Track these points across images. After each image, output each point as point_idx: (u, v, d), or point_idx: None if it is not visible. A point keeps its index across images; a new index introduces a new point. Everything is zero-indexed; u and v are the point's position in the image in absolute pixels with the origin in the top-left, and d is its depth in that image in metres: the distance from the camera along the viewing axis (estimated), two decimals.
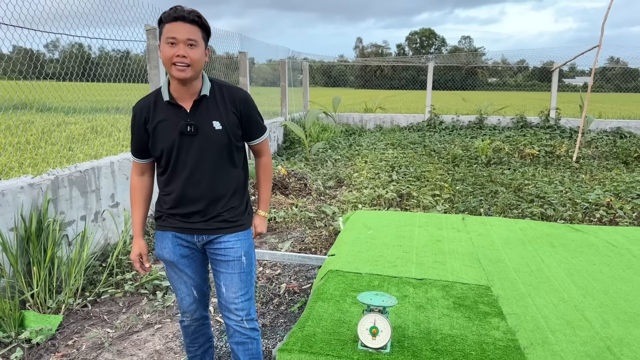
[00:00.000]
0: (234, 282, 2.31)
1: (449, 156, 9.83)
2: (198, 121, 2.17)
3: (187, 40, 2.05)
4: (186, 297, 2.41)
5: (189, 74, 2.07)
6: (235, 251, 2.30)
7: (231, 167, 2.27)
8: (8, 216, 3.64)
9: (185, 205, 2.25)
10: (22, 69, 4.30)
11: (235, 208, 2.31)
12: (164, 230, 2.32)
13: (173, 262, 2.33)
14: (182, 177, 2.22)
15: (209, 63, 8.44)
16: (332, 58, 22.23)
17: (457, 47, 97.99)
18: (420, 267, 3.49)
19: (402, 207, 6.33)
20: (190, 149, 2.18)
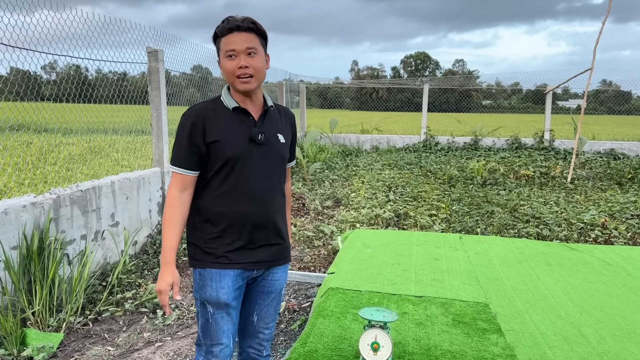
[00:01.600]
0: (269, 314, 2.21)
1: (445, 177, 9.92)
2: (267, 131, 2.06)
3: (247, 49, 1.95)
4: (226, 348, 2.08)
5: (254, 85, 1.98)
6: (280, 284, 2.20)
7: (283, 185, 2.19)
8: (10, 234, 3.67)
9: (246, 230, 2.04)
10: (19, 91, 4.36)
11: (285, 231, 2.19)
12: (225, 269, 2.02)
13: (228, 304, 2.03)
14: (244, 191, 2.02)
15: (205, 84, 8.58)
16: (328, 80, 22.48)
17: (451, 70, 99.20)
18: (419, 284, 3.53)
19: (400, 226, 6.38)
20: (256, 161, 2.03)
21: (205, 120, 2.00)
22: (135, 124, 8.01)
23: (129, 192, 5.25)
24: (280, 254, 2.15)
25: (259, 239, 2.05)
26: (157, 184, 5.94)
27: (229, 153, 1.99)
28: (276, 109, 2.18)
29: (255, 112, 2.07)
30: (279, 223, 2.12)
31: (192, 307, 4.03)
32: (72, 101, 5.27)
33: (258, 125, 2.05)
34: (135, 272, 4.72)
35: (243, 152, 2.00)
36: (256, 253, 2.06)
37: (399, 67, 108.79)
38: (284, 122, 2.19)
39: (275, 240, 2.11)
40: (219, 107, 2.05)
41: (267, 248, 2.09)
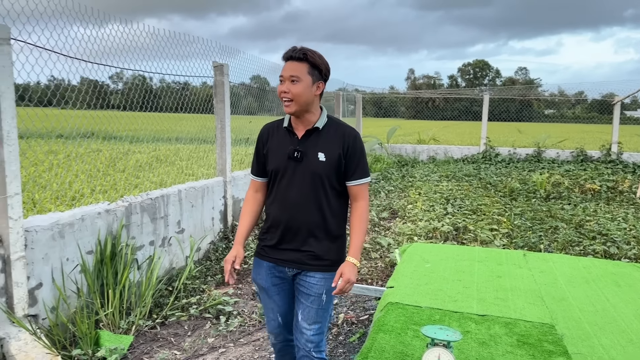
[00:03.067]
0: (310, 315, 2.42)
1: (506, 189, 9.67)
2: (305, 149, 2.34)
3: (290, 77, 2.25)
4: (271, 321, 2.57)
5: (292, 108, 2.29)
6: (318, 288, 2.39)
7: (327, 201, 2.37)
8: (86, 240, 3.90)
9: (280, 232, 2.40)
10: (89, 99, 4.62)
11: (324, 243, 2.38)
12: (260, 259, 2.50)
13: (265, 288, 2.50)
14: (281, 199, 2.39)
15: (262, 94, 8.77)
16: (382, 89, 22.41)
17: (512, 78, 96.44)
18: (481, 303, 3.47)
19: (459, 240, 6.28)
20: (293, 174, 2.35)
21: (268, 135, 2.46)
22: (197, 133, 8.30)
23: (194, 200, 5.46)
24: (312, 261, 2.39)
25: (288, 242, 2.40)
26: (220, 192, 6.13)
27: (272, 166, 2.40)
28: (330, 129, 2.38)
29: (301, 132, 2.37)
30: (310, 233, 2.37)
31: (253, 315, 4.14)
32: (137, 110, 5.54)
33: (300, 143, 2.35)
34: (199, 277, 4.88)
35: (282, 166, 2.36)
36: (285, 253, 2.41)
37: (456, 76, 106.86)
38: (333, 141, 2.35)
39: (305, 248, 2.38)
40: (280, 125, 2.45)
41: (296, 252, 2.39)
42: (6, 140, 3.23)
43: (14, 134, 3.30)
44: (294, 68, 2.26)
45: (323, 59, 2.35)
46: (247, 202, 2.58)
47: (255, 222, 2.58)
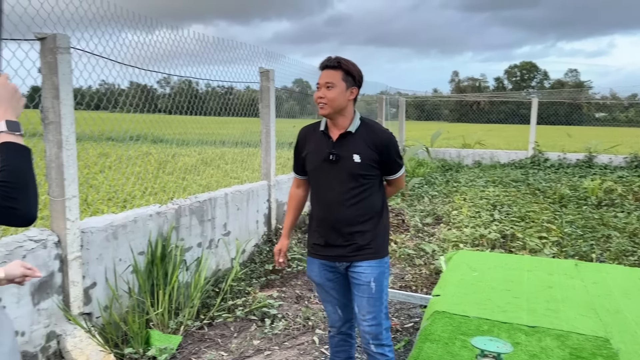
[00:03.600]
0: (363, 305, 2.54)
1: (556, 196, 9.38)
2: (340, 151, 2.49)
3: (326, 83, 2.45)
4: (332, 314, 2.76)
5: (326, 111, 2.47)
6: (365, 276, 2.52)
7: (365, 197, 2.51)
8: (138, 241, 4.03)
9: (323, 230, 2.57)
10: (138, 103, 4.76)
11: (367, 234, 2.53)
12: (312, 257, 2.69)
13: (320, 284, 2.69)
14: (321, 199, 2.58)
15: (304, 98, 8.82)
16: (425, 92, 22.13)
17: (561, 81, 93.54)
18: (532, 314, 3.38)
19: (506, 248, 6.14)
20: (329, 175, 2.52)
21: (306, 137, 2.66)
22: (240, 136, 8.43)
23: (239, 204, 5.55)
24: (357, 252, 2.53)
25: (333, 239, 2.56)
26: (264, 196, 6.21)
27: (309, 167, 2.60)
28: (363, 131, 2.52)
29: (336, 135, 2.53)
30: (352, 228, 2.52)
31: (297, 319, 4.16)
32: (183, 113, 5.69)
33: (335, 146, 2.50)
34: (245, 280, 4.96)
35: (319, 167, 2.55)
36: (333, 249, 2.57)
37: (502, 78, 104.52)
38: (366, 143, 2.50)
39: (348, 242, 2.53)
40: (317, 128, 2.62)
41: (342, 248, 2.55)
42: (65, 145, 3.37)
43: (73, 138, 3.44)
44: (329, 75, 2.45)
45: (356, 66, 2.52)
46: (290, 198, 2.84)
47: (298, 215, 2.86)
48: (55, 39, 3.29)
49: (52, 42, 3.30)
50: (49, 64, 3.32)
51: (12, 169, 1.31)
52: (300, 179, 2.76)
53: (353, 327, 2.82)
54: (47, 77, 3.34)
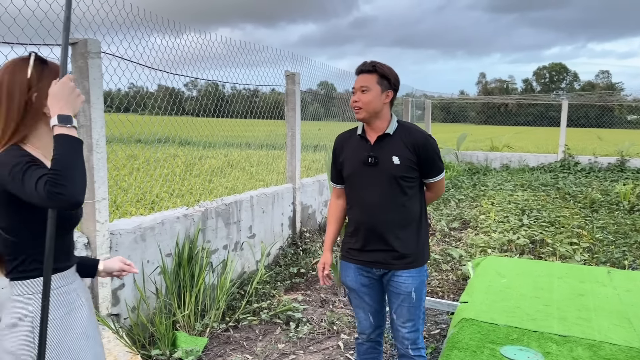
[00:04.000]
0: (403, 314, 2.54)
1: (586, 201, 9.15)
2: (379, 154, 2.48)
3: (361, 87, 2.45)
4: (363, 321, 2.70)
5: (362, 115, 2.48)
6: (407, 287, 2.51)
7: (405, 200, 2.49)
8: (165, 243, 4.07)
9: (363, 235, 2.53)
10: (166, 106, 4.81)
11: (408, 241, 2.51)
12: (347, 261, 2.65)
13: (355, 289, 2.65)
14: (360, 203, 2.54)
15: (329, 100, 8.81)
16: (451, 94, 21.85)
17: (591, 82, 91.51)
18: (562, 322, 3.29)
19: (536, 254, 6.01)
20: (369, 179, 2.50)
21: (342, 144, 2.65)
22: (265, 139, 8.46)
23: (265, 206, 5.56)
24: (397, 260, 2.50)
25: (371, 244, 2.52)
26: (289, 199, 6.21)
27: (348, 171, 2.58)
28: (401, 133, 2.51)
29: (373, 138, 2.52)
30: (392, 234, 2.48)
31: (322, 323, 4.15)
32: (209, 115, 5.73)
33: (373, 149, 2.50)
34: (270, 282, 4.96)
35: (357, 171, 2.53)
36: (371, 254, 2.53)
37: (531, 80, 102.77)
38: (405, 145, 2.49)
39: (389, 247, 2.49)
40: (354, 133, 2.62)
41: (381, 253, 2.51)
42: (95, 148, 3.43)
43: (103, 142, 3.50)
44: (364, 79, 2.46)
45: (392, 70, 2.52)
46: (331, 209, 2.80)
47: (340, 227, 2.79)
48: (86, 44, 3.35)
49: (84, 46, 3.36)
50: (80, 68, 3.39)
51: (60, 158, 1.44)
52: (340, 189, 2.72)
53: (382, 334, 2.80)
54: (77, 81, 3.40)
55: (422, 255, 2.57)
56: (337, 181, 2.70)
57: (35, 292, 1.61)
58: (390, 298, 2.60)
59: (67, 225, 1.68)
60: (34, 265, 1.62)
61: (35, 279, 1.62)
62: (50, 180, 1.41)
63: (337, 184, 2.72)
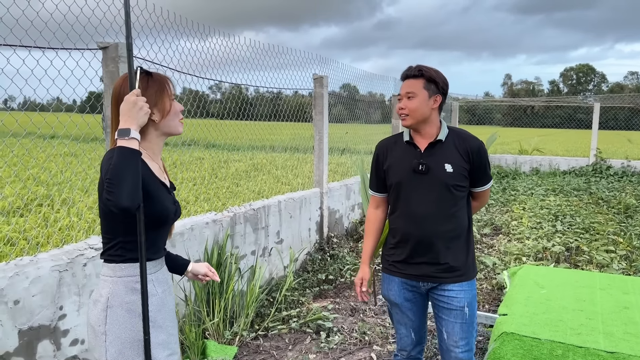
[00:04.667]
0: (455, 331, 2.39)
1: (620, 206, 8.86)
2: (430, 162, 2.36)
3: (407, 93, 2.35)
4: (404, 337, 2.58)
5: (409, 122, 2.37)
6: (459, 301, 2.38)
7: (455, 210, 2.38)
8: (194, 249, 4.01)
9: (410, 246, 2.40)
10: (190, 110, 4.77)
11: (458, 254, 2.40)
12: (391, 275, 2.51)
13: (398, 304, 2.51)
14: (408, 213, 2.40)
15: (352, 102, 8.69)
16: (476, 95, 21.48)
17: (620, 84, 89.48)
18: (609, 337, 3.12)
19: (572, 262, 5.80)
20: (418, 187, 2.37)
21: (387, 151, 2.51)
22: (290, 142, 8.39)
23: (292, 211, 5.48)
24: (448, 273, 2.37)
25: (420, 256, 2.39)
26: (316, 203, 6.13)
27: (395, 179, 2.43)
28: (453, 140, 2.40)
29: (423, 145, 2.40)
30: (443, 244, 2.36)
31: (353, 333, 4.04)
32: (234, 118, 5.67)
33: (423, 156, 2.38)
34: (298, 289, 4.88)
35: (406, 179, 2.39)
36: (418, 268, 2.40)
37: (557, 81, 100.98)
38: (458, 152, 2.38)
39: (440, 260, 2.37)
40: (399, 140, 2.50)
41: (430, 266, 2.38)
42: None
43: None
44: (410, 85, 2.36)
45: (439, 73, 2.40)
46: (369, 220, 2.63)
47: (379, 239, 2.64)
48: (117, 48, 3.32)
49: (115, 51, 3.33)
50: (111, 72, 3.35)
51: (112, 168, 1.59)
52: (380, 197, 2.58)
53: (422, 351, 2.68)
54: (108, 86, 3.37)
55: (472, 267, 2.45)
56: (378, 189, 2.57)
57: (115, 276, 1.79)
58: (439, 315, 2.45)
59: (154, 224, 1.79)
60: (120, 252, 1.78)
61: (117, 264, 1.79)
62: (105, 187, 1.60)
63: (377, 192, 2.58)
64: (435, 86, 2.36)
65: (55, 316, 2.84)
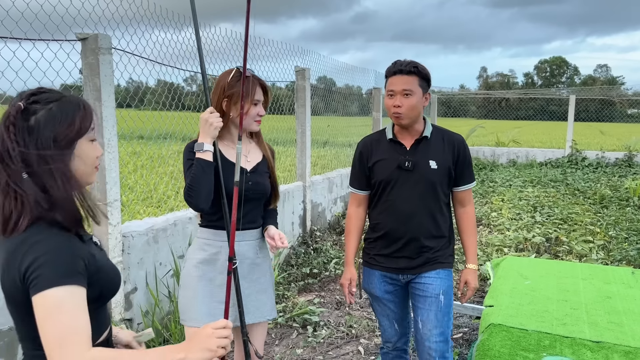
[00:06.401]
0: (430, 319, 2.36)
1: (596, 197, 9.04)
2: (416, 158, 2.34)
3: (403, 91, 2.26)
4: (388, 329, 2.57)
5: (405, 121, 2.31)
6: (434, 288, 2.37)
7: (439, 207, 2.39)
8: (178, 244, 3.96)
9: (392, 242, 2.39)
10: (168, 102, 4.68)
11: (438, 248, 2.41)
12: (371, 268, 2.50)
13: (378, 297, 2.50)
14: (392, 210, 2.38)
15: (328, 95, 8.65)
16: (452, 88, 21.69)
17: (591, 77, 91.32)
18: (594, 327, 3.17)
19: (552, 253, 5.89)
20: (404, 184, 2.35)
21: (370, 149, 2.46)
22: (268, 135, 8.31)
23: None
24: (426, 262, 2.38)
25: (401, 251, 2.38)
26: (299, 197, 6.09)
27: (380, 177, 2.39)
28: (439, 136, 2.40)
29: (409, 141, 2.37)
30: (424, 241, 2.37)
31: (340, 327, 4.03)
32: None
33: (409, 153, 2.35)
34: (282, 284, 4.84)
35: (392, 176, 2.35)
36: (399, 261, 2.40)
37: (532, 73, 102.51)
38: (444, 148, 2.37)
39: (420, 255, 2.38)
40: (382, 137, 2.46)
41: (411, 260, 2.39)
42: (107, 148, 3.29)
43: (115, 141, 3.37)
44: (406, 82, 2.27)
45: (427, 70, 2.37)
46: (350, 219, 2.58)
47: (361, 237, 2.61)
48: (97, 40, 3.22)
49: (94, 42, 3.23)
50: (91, 65, 3.25)
51: (192, 175, 2.03)
52: (362, 195, 2.53)
53: (408, 342, 2.67)
54: (88, 78, 3.27)
55: (450, 256, 2.48)
56: (361, 187, 2.52)
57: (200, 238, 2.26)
58: (416, 305, 2.44)
59: None
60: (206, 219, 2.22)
61: (203, 229, 2.25)
62: (185, 189, 2.05)
63: (360, 190, 2.53)
64: (427, 84, 2.34)
65: None
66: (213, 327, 1.29)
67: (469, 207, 2.52)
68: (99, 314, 1.34)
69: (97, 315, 1.32)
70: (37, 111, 1.22)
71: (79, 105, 1.29)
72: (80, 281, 1.18)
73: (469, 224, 2.51)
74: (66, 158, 1.24)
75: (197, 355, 1.23)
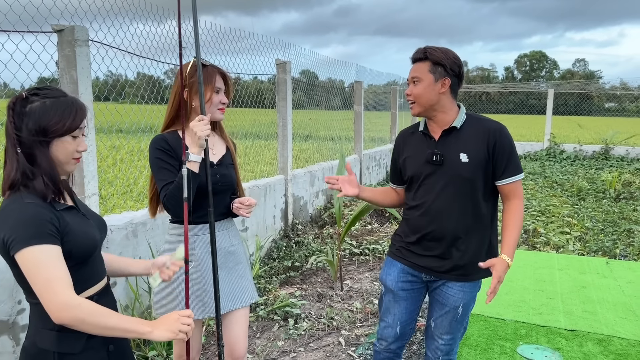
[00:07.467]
0: (443, 325, 2.28)
1: (574, 189, 9.21)
2: (445, 151, 2.16)
3: (412, 78, 2.20)
4: (388, 327, 2.40)
5: (416, 110, 2.20)
6: (455, 301, 2.23)
7: (473, 205, 2.17)
8: (157, 238, 3.93)
9: (421, 239, 2.25)
10: (147, 95, 4.63)
11: (469, 253, 2.19)
12: (394, 259, 2.37)
13: (393, 291, 2.35)
14: (422, 206, 2.23)
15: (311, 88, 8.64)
16: None
17: (570, 71, 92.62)
18: (569, 316, 3.25)
19: (530, 244, 5.99)
20: (434, 179, 2.19)
21: (403, 143, 2.36)
22: (250, 128, 8.28)
23: (257, 199, 5.41)
24: (454, 270, 2.21)
25: (430, 249, 2.22)
26: (281, 190, 6.09)
27: (410, 172, 2.27)
28: (471, 126, 2.18)
29: (437, 133, 2.21)
30: (454, 242, 2.18)
31: (321, 319, 4.06)
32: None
33: (438, 146, 2.18)
34: (264, 277, 4.85)
35: (421, 172, 2.21)
36: (424, 259, 2.25)
37: (512, 68, 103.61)
38: (476, 139, 2.15)
39: (447, 256, 2.20)
40: (416, 130, 2.32)
41: (436, 260, 2.22)
42: None
43: (92, 135, 3.33)
44: (415, 69, 2.19)
45: (449, 53, 2.19)
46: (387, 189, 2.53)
47: (380, 198, 2.49)
48: (73, 31, 3.17)
49: (70, 34, 3.18)
50: (67, 57, 3.20)
51: (175, 185, 2.05)
52: (398, 189, 2.44)
53: (403, 348, 2.49)
54: (65, 70, 3.23)
55: (480, 269, 2.15)
56: (394, 182, 2.43)
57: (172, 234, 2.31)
58: (432, 305, 2.33)
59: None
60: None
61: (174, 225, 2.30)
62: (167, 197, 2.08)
63: (394, 184, 2.44)
64: (442, 68, 2.14)
65: (13, 311, 2.73)
66: (180, 314, 1.53)
67: (514, 202, 2.19)
68: (77, 270, 1.54)
69: (77, 271, 1.53)
70: (33, 102, 1.47)
71: (73, 107, 1.51)
72: (50, 240, 1.41)
73: (511, 217, 2.18)
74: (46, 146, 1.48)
75: (162, 333, 1.49)
